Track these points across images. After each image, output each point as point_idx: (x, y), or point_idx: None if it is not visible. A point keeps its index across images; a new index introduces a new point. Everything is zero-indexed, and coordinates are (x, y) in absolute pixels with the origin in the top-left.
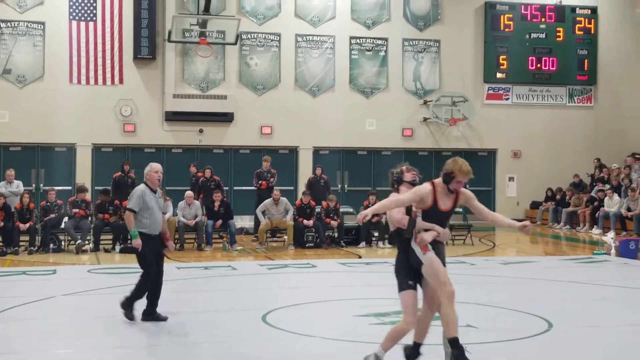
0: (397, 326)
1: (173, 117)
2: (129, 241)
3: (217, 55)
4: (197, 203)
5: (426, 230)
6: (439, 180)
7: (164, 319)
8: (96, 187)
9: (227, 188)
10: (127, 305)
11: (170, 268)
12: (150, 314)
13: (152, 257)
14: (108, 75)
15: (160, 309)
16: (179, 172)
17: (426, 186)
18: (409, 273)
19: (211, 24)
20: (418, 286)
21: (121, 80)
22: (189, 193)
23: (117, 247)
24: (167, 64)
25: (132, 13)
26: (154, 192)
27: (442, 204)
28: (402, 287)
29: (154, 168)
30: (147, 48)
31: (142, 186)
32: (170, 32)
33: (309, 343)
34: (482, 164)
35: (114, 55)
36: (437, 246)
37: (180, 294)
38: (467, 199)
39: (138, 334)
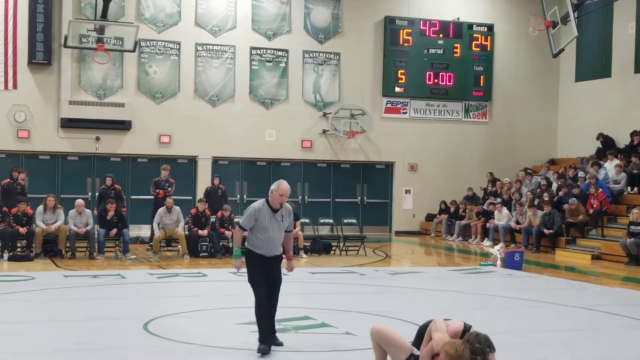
0: None
1: (69, 123)
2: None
3: (114, 62)
4: (88, 212)
5: None
6: None
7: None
8: None
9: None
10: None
11: (57, 276)
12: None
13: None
14: (1, 79)
15: (35, 317)
16: (74, 180)
17: None
18: None
19: (109, 30)
20: None
21: (15, 85)
22: (80, 201)
23: (5, 255)
24: (63, 69)
25: (27, 17)
26: (275, 211)
27: None
28: None
29: (281, 190)
30: (42, 53)
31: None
32: (66, 37)
33: (186, 350)
34: (380, 176)
35: (8, 60)
36: None
37: (61, 302)
38: None
39: (9, 340)
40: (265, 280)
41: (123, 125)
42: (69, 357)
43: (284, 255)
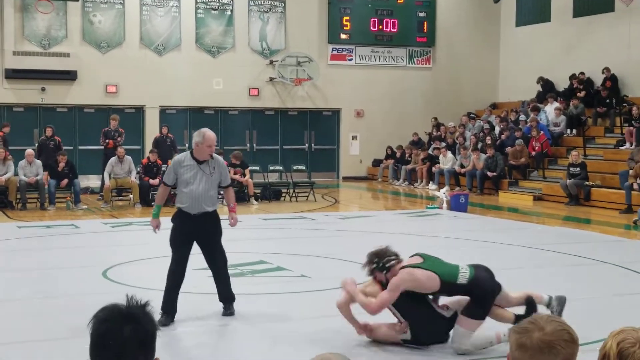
0: None
1: (13, 74)
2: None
3: (58, 12)
4: (38, 162)
5: None
6: None
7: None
8: None
9: (71, 147)
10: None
11: (10, 227)
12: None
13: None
14: None
15: None
16: (20, 131)
17: None
18: None
19: None
20: None
21: None
22: (30, 151)
23: None
24: (5, 19)
25: None
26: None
27: None
28: None
29: (208, 140)
30: None
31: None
32: None
33: (148, 295)
34: (327, 123)
35: None
36: None
37: (17, 252)
38: None
39: None
40: (188, 242)
41: (69, 76)
42: (28, 305)
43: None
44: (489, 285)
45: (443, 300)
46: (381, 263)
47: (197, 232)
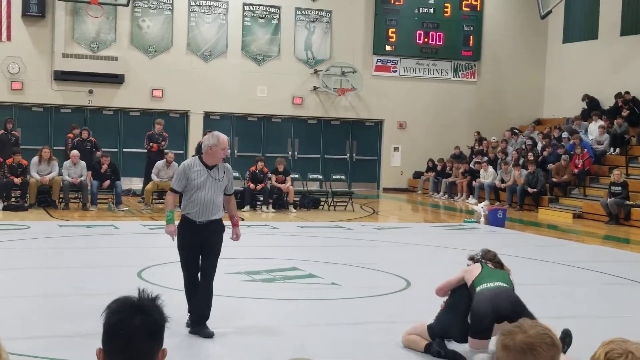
0: None
1: (62, 76)
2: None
3: (108, 16)
4: (83, 163)
5: None
6: None
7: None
8: None
9: (115, 150)
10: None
11: (52, 226)
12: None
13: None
14: None
15: (33, 264)
16: (67, 132)
17: None
18: None
19: None
20: None
21: (9, 37)
22: (75, 152)
23: (0, 205)
24: (56, 22)
25: None
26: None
27: None
28: None
29: (223, 143)
30: (36, 5)
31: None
32: None
33: (180, 296)
34: (369, 134)
35: (2, 12)
36: None
37: (58, 250)
38: None
39: (7, 284)
40: (197, 253)
41: (116, 79)
42: (67, 302)
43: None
44: (485, 305)
45: None
46: (478, 257)
47: (202, 240)
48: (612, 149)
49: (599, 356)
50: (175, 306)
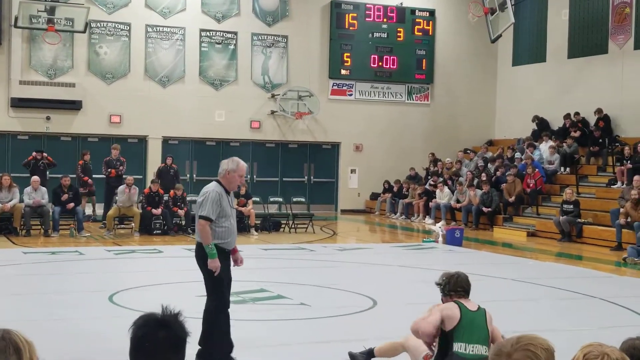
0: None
1: (19, 103)
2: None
3: (65, 43)
4: (44, 189)
5: None
6: None
7: None
8: None
9: (74, 176)
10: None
11: (16, 253)
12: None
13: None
14: None
15: (1, 291)
16: (24, 158)
17: None
18: None
19: (59, 11)
20: None
21: None
22: (35, 178)
23: None
24: (13, 49)
25: None
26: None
27: None
28: None
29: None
30: None
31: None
32: (17, 18)
33: None
34: (327, 156)
35: None
36: None
37: (25, 277)
38: None
39: None
40: (229, 282)
41: (74, 105)
42: (39, 327)
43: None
44: None
45: None
46: (446, 287)
47: (229, 268)
48: (562, 169)
49: (577, 358)
50: None
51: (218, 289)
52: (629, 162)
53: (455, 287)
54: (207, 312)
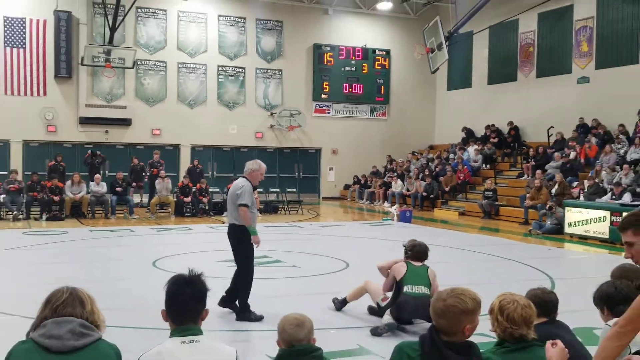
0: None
1: (85, 121)
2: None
3: (118, 76)
4: (104, 183)
5: None
6: None
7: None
8: (26, 172)
9: (127, 174)
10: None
11: (84, 231)
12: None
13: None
14: (35, 89)
15: (69, 258)
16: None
17: None
18: None
19: (114, 53)
20: None
21: (45, 93)
22: (98, 176)
23: (44, 217)
24: (80, 81)
25: (53, 42)
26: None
27: None
28: None
29: (263, 168)
30: (64, 69)
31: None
32: (82, 58)
33: None
34: (311, 158)
35: (39, 74)
36: None
37: (91, 249)
38: None
39: (53, 273)
40: None
41: (125, 122)
42: (100, 285)
43: None
44: (408, 309)
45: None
46: (408, 252)
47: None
48: (484, 165)
49: (494, 305)
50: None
51: (248, 260)
52: (532, 160)
53: (412, 254)
54: (239, 275)
